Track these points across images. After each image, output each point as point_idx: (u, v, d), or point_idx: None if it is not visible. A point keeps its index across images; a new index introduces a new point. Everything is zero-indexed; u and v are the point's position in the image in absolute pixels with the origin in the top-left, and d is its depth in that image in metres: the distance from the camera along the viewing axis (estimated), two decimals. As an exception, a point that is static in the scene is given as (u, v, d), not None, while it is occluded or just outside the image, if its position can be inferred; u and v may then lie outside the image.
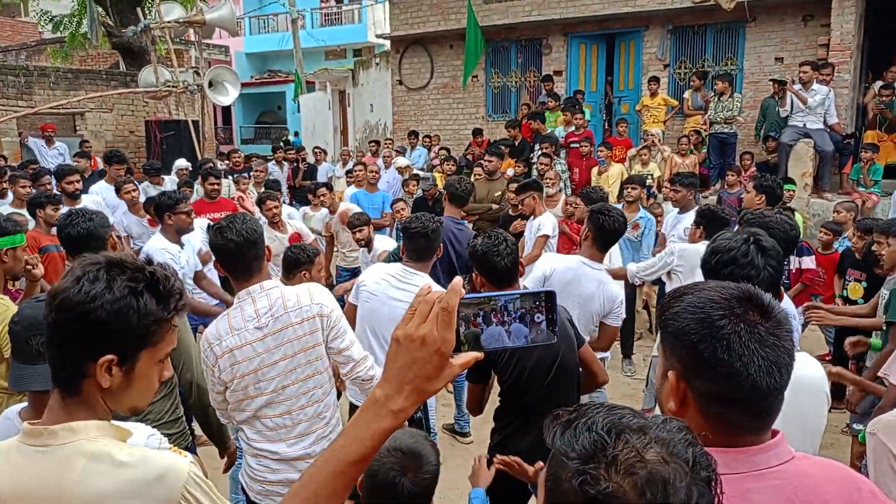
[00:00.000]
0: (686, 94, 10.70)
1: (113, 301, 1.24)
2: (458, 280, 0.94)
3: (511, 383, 2.72)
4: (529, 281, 3.82)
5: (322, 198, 7.10)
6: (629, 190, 6.10)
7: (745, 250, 2.06)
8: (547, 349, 2.62)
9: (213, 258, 2.69)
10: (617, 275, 4.26)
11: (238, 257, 2.51)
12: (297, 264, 3.80)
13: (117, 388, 1.29)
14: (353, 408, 3.46)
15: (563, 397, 2.68)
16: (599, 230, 3.49)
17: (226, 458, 2.98)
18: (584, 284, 3.44)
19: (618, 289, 3.60)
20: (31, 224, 5.31)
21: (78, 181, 6.32)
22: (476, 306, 0.95)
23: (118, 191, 6.72)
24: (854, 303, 5.19)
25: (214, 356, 2.50)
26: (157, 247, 4.47)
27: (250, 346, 2.49)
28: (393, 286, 3.40)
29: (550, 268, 3.55)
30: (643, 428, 0.82)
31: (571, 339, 2.77)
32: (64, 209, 5.56)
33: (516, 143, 10.48)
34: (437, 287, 1.00)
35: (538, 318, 0.96)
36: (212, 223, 4.15)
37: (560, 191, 7.75)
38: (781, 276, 2.17)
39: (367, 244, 5.57)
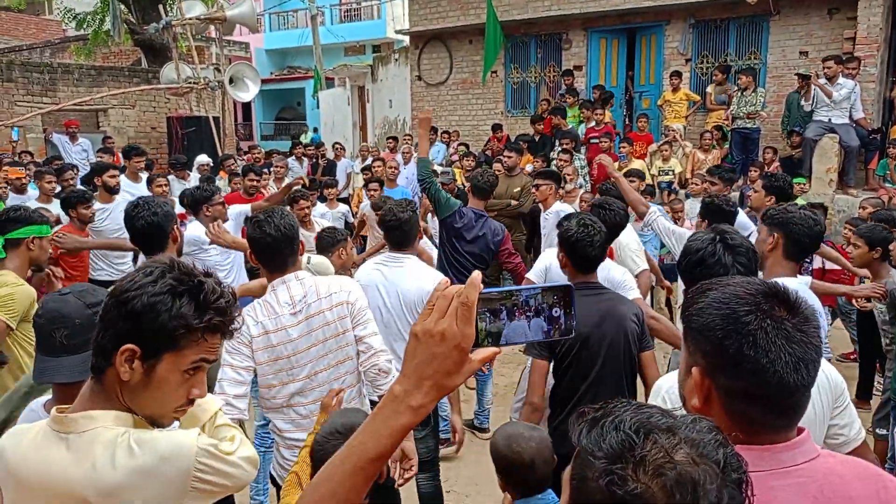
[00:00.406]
0: (709, 89, 10.57)
1: (151, 294, 1.27)
2: (476, 274, 0.93)
3: (560, 360, 2.79)
4: (532, 274, 3.90)
5: (373, 192, 7.23)
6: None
7: (713, 250, 2.08)
8: (597, 333, 2.72)
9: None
10: (636, 204, 4.24)
11: (274, 251, 2.55)
12: (334, 242, 4.07)
13: (135, 384, 1.30)
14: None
15: (610, 388, 2.73)
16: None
17: None
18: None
19: (621, 272, 3.63)
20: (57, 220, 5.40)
21: (118, 175, 6.34)
22: (499, 301, 0.95)
23: (150, 184, 6.83)
24: None
25: (250, 335, 2.52)
26: (197, 231, 4.58)
27: (285, 330, 2.54)
28: (385, 273, 3.47)
29: (549, 261, 3.61)
30: (672, 428, 0.80)
31: (627, 334, 2.79)
32: (97, 205, 5.67)
33: (537, 140, 10.44)
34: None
35: (556, 312, 0.96)
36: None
37: (580, 186, 7.71)
38: (755, 272, 2.15)
39: None
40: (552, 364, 2.83)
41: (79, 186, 6.95)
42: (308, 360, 2.57)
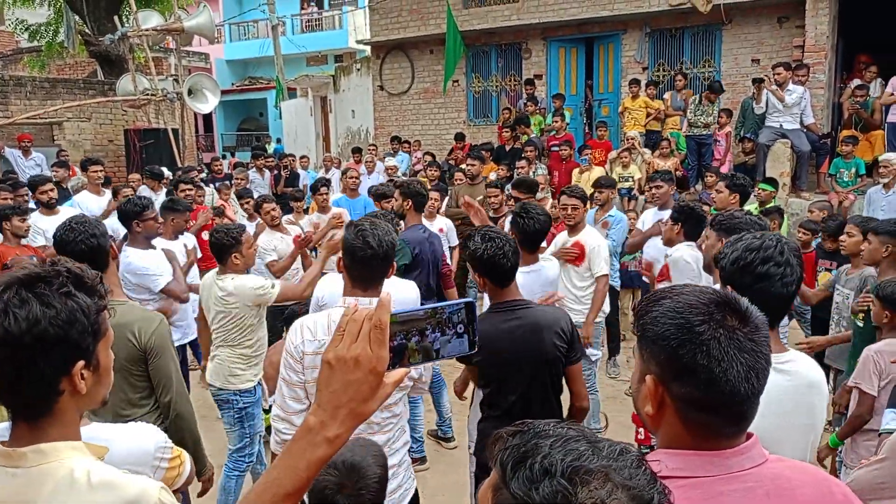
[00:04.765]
0: (666, 95, 10.77)
1: (57, 314, 1.23)
2: (386, 296, 0.94)
3: (489, 380, 2.79)
4: None
5: (325, 196, 7.09)
6: (597, 194, 6.16)
7: (781, 248, 1.95)
8: (520, 356, 2.69)
9: (339, 256, 2.57)
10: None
11: (369, 265, 2.42)
12: (225, 249, 3.66)
13: (90, 388, 1.29)
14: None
15: (538, 404, 2.76)
16: (522, 233, 3.56)
17: (202, 483, 2.87)
18: (531, 287, 3.50)
19: (550, 267, 3.87)
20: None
21: (52, 190, 6.26)
22: (425, 320, 0.96)
23: (115, 195, 6.73)
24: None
25: (302, 351, 2.38)
26: (138, 258, 4.40)
27: None
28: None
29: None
30: (606, 472, 0.76)
31: (550, 352, 2.75)
32: (43, 219, 5.56)
33: (507, 150, 10.53)
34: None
35: (461, 329, 0.98)
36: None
37: (546, 195, 7.80)
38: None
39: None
40: (483, 381, 2.87)
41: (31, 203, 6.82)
42: None
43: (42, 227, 5.78)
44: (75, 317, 1.24)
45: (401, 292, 3.25)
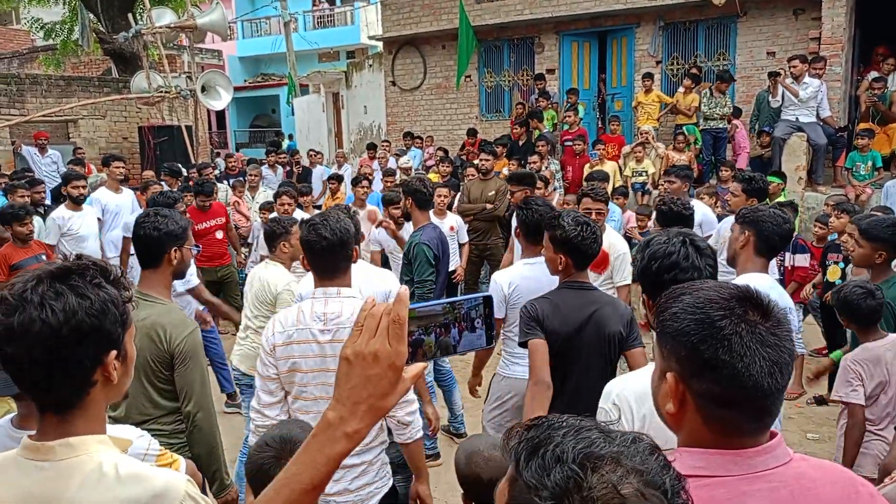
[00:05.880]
0: (680, 89, 10.68)
1: (92, 304, 1.24)
2: (404, 290, 0.94)
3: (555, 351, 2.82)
4: (494, 296, 3.85)
5: (365, 190, 7.25)
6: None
7: (686, 253, 2.03)
8: (580, 336, 2.77)
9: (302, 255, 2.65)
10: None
11: (328, 255, 2.48)
12: (275, 236, 3.86)
13: (119, 378, 1.31)
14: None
15: (590, 390, 2.71)
16: (523, 226, 3.58)
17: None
18: (544, 282, 3.40)
19: None
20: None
21: (84, 186, 6.52)
22: (443, 315, 0.97)
23: (145, 190, 7.01)
24: (832, 285, 5.17)
25: (273, 343, 2.47)
26: None
27: (309, 344, 2.45)
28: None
29: (508, 282, 3.55)
30: (617, 458, 0.77)
31: (608, 338, 2.82)
32: (68, 213, 6.03)
33: (520, 144, 10.50)
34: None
35: (478, 323, 0.99)
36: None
37: (555, 189, 7.77)
38: (717, 273, 2.13)
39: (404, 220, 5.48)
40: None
41: (48, 199, 7.04)
42: (318, 381, 2.46)
43: (66, 221, 6.12)
44: (107, 307, 1.26)
45: (372, 283, 3.31)
